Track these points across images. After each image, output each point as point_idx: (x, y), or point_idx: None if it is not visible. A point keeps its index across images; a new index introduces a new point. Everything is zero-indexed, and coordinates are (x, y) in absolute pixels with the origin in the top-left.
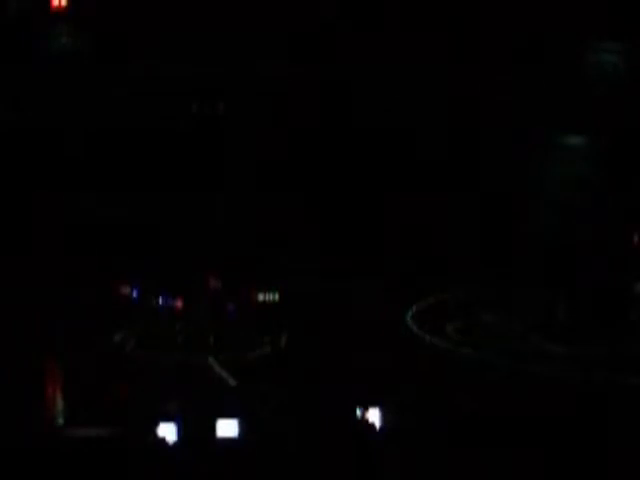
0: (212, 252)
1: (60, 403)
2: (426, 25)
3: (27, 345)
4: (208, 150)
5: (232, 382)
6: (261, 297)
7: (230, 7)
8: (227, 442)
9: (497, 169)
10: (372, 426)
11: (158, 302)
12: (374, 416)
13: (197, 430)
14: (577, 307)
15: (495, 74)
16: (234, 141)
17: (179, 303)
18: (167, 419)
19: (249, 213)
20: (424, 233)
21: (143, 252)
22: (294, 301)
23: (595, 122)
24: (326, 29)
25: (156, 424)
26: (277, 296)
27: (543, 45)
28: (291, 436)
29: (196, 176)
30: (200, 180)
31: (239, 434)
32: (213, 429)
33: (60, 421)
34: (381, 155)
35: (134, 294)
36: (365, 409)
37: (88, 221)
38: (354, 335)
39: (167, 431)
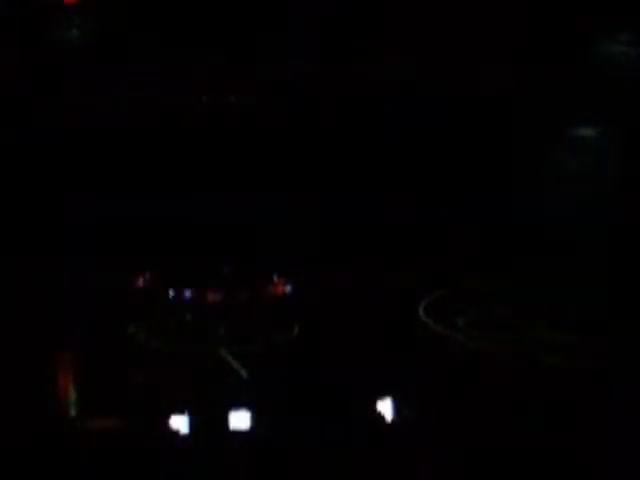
0: (226, 240)
1: (72, 394)
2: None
3: (38, 335)
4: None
5: (244, 373)
6: (280, 287)
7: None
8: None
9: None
10: (381, 417)
11: (169, 293)
12: (384, 407)
13: (209, 423)
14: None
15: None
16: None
17: (189, 294)
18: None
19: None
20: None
21: (154, 243)
22: (306, 291)
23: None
24: None
25: (168, 416)
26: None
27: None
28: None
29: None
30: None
31: (251, 427)
32: (225, 421)
33: (72, 412)
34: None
35: (146, 285)
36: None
37: (101, 212)
38: (365, 326)
39: (179, 424)
